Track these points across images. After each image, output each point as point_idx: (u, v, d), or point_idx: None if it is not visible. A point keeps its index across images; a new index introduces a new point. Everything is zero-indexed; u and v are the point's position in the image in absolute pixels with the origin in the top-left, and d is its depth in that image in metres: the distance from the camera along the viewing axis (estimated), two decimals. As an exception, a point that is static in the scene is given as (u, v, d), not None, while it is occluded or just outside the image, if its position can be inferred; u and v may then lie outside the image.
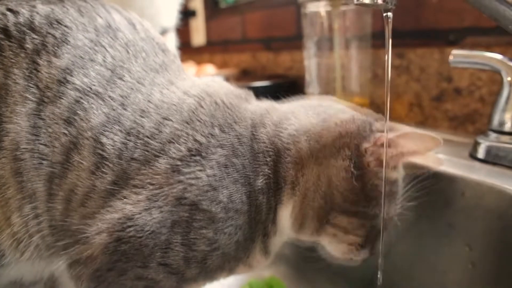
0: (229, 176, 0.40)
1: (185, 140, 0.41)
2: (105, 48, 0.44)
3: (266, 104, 0.48)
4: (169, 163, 0.40)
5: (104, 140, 0.40)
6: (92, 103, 0.41)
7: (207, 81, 0.49)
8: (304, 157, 0.42)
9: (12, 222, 0.41)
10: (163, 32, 1.12)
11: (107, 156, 0.40)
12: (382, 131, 0.41)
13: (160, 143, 0.41)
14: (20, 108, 0.40)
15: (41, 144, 0.40)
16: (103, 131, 0.41)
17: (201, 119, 0.42)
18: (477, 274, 0.53)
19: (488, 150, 0.57)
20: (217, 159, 0.40)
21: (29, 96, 0.41)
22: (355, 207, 0.41)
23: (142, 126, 0.41)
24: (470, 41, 0.70)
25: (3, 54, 0.41)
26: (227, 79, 1.25)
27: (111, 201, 0.40)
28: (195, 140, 0.41)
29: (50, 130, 0.40)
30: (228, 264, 0.43)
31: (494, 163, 0.56)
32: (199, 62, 1.42)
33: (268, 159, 0.42)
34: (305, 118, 0.45)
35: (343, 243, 0.44)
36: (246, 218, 0.41)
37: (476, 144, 0.59)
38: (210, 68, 1.31)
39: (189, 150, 0.41)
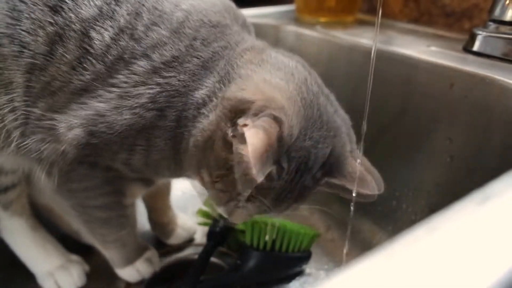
0: (194, 83, 0.40)
1: (171, 47, 0.40)
2: None
3: (259, 43, 0.45)
4: (151, 64, 0.40)
5: (93, 34, 0.38)
6: None
7: None
8: (220, 110, 0.40)
9: None
10: None
11: (93, 52, 0.38)
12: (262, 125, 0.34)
13: (143, 47, 0.40)
14: None
15: (22, 30, 0.37)
16: (94, 25, 0.38)
17: (185, 31, 0.41)
18: (454, 167, 0.53)
19: (485, 42, 0.53)
20: (190, 67, 0.41)
21: None
22: (217, 171, 0.40)
23: (135, 28, 0.40)
24: None
25: None
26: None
27: (84, 98, 0.39)
28: (178, 49, 0.41)
29: (33, 16, 0.37)
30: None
31: (488, 56, 0.53)
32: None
33: (217, 86, 0.41)
34: (256, 76, 0.40)
35: (209, 194, 0.44)
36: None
37: (472, 36, 0.55)
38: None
39: (173, 57, 0.40)
